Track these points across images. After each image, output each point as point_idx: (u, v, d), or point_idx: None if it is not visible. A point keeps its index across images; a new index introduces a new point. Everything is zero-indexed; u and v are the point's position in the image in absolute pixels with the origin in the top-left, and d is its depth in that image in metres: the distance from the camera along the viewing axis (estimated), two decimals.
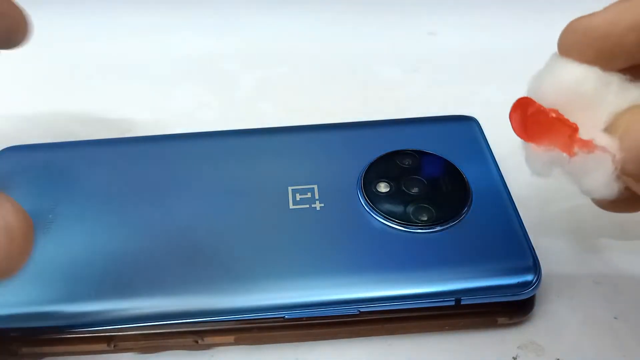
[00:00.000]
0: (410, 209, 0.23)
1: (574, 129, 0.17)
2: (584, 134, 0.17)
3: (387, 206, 0.23)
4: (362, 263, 0.22)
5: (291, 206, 0.24)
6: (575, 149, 0.17)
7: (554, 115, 0.18)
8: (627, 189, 0.17)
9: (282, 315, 0.21)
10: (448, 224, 0.23)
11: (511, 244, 0.22)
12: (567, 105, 0.17)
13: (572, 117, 0.17)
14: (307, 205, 0.24)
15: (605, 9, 0.17)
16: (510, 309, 0.22)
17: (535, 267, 0.21)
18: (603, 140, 0.17)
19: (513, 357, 0.21)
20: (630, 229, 0.26)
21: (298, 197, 0.24)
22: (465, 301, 0.21)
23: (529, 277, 0.21)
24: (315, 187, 0.24)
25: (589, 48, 0.17)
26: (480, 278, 0.21)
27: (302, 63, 0.37)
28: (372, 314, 0.21)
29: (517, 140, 0.25)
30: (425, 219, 0.23)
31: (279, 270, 0.22)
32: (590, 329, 0.22)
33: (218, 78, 0.36)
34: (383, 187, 0.24)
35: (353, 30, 0.39)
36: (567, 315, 0.23)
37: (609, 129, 0.17)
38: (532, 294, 0.21)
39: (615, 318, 0.23)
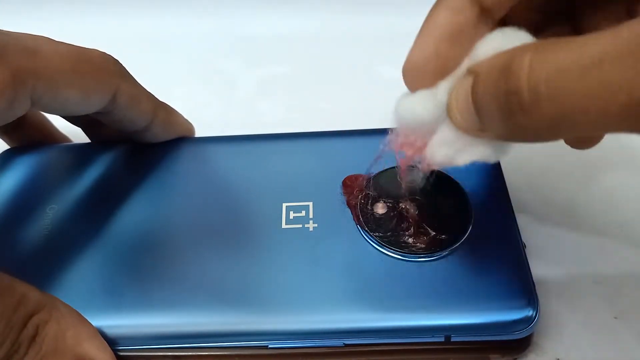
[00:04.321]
0: (405, 234, 0.22)
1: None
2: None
3: (382, 230, 0.22)
4: (349, 292, 0.21)
5: (284, 225, 0.23)
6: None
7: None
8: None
9: (265, 345, 0.20)
10: (444, 252, 0.21)
11: (510, 278, 0.21)
12: (417, 131, 0.19)
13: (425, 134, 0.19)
14: (300, 225, 0.23)
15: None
16: (505, 346, 0.21)
17: (533, 305, 0.20)
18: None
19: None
20: (631, 229, 0.26)
21: (292, 215, 0.23)
22: (455, 338, 0.20)
23: (525, 316, 0.20)
24: (311, 204, 0.24)
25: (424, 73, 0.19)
26: (473, 315, 0.20)
27: (302, 63, 0.37)
28: (357, 347, 0.20)
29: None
30: (421, 246, 0.22)
31: (262, 296, 0.21)
32: (590, 329, 0.22)
33: (218, 78, 0.36)
34: (380, 208, 0.23)
35: (353, 30, 0.39)
36: (567, 315, 0.23)
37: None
38: (528, 334, 0.20)
39: (615, 318, 0.23)
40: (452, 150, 0.18)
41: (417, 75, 0.20)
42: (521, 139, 0.17)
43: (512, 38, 0.17)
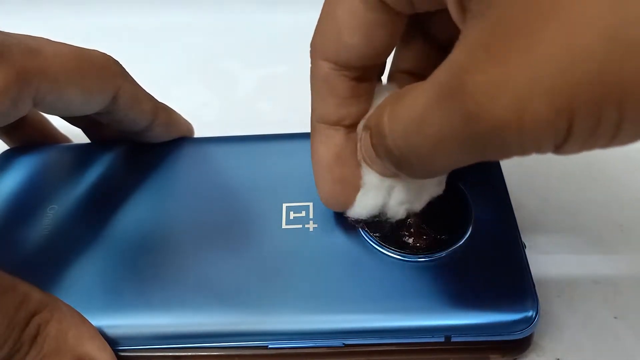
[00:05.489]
0: (405, 234, 0.22)
1: None
2: None
3: (382, 230, 0.22)
4: (349, 292, 0.21)
5: (284, 226, 0.23)
6: None
7: None
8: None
9: (265, 345, 0.20)
10: (444, 253, 0.21)
11: (510, 278, 0.21)
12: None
13: None
14: (301, 226, 0.23)
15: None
16: (505, 346, 0.21)
17: (533, 305, 0.20)
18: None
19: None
20: (630, 229, 0.26)
21: (292, 215, 0.23)
22: (456, 338, 0.20)
23: (525, 316, 0.20)
24: (311, 204, 0.23)
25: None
26: (473, 315, 0.20)
27: (302, 62, 0.36)
28: (357, 347, 0.20)
29: None
30: (422, 247, 0.22)
31: (262, 296, 0.21)
32: (590, 329, 0.22)
33: (218, 78, 0.36)
34: None
35: None
36: (567, 315, 0.23)
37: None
38: (528, 334, 0.20)
39: (615, 318, 0.23)
40: (408, 205, 0.21)
41: (334, 204, 0.22)
42: (422, 178, 0.19)
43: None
